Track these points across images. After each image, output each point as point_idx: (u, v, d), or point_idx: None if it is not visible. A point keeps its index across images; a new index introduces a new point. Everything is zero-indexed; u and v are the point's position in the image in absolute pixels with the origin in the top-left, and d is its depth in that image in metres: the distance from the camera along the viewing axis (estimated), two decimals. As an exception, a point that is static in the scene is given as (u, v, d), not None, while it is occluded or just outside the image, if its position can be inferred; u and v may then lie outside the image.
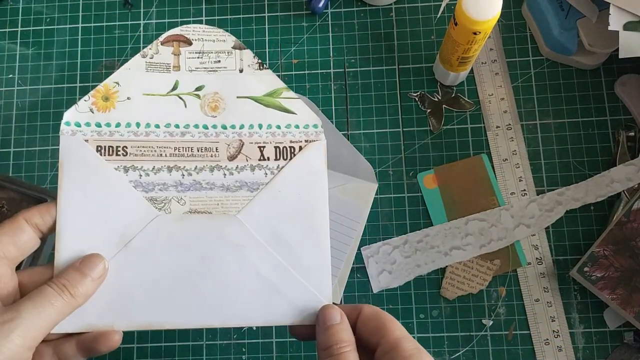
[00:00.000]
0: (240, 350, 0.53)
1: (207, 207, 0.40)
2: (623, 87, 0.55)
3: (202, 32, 0.42)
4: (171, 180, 0.40)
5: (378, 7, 0.59)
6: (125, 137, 0.40)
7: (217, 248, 0.39)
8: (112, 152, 0.40)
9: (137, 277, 0.38)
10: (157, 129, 0.41)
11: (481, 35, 0.46)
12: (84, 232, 0.38)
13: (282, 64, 0.58)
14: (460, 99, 0.56)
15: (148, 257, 0.38)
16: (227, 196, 0.40)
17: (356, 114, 0.57)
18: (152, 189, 0.39)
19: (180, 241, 0.39)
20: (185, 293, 0.38)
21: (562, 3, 0.53)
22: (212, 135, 0.41)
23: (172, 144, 0.40)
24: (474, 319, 0.52)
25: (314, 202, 0.40)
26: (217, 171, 0.41)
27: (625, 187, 0.52)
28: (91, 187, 0.39)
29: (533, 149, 0.55)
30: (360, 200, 0.55)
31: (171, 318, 0.38)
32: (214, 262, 0.39)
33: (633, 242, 0.49)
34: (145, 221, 0.39)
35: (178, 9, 0.60)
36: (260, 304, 0.39)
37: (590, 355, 0.51)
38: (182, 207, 0.40)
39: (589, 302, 0.52)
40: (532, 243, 0.53)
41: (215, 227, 0.39)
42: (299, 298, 0.39)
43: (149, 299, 0.38)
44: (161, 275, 0.38)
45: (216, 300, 0.39)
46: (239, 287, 0.39)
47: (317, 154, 0.41)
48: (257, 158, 0.41)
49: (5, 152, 0.57)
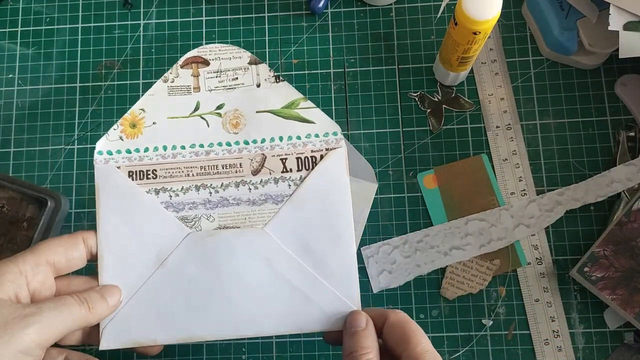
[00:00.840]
0: (240, 350, 0.53)
1: (235, 222, 0.41)
2: (623, 87, 0.55)
3: (219, 51, 0.44)
4: (199, 199, 0.41)
5: (378, 7, 0.59)
6: (154, 161, 0.42)
7: (247, 261, 0.40)
8: (142, 176, 0.42)
9: (174, 293, 0.40)
10: (183, 150, 0.42)
11: (481, 35, 0.46)
12: (122, 254, 0.40)
13: (282, 64, 0.58)
14: (460, 99, 0.56)
15: (183, 273, 0.40)
16: (254, 210, 0.41)
17: (356, 113, 0.57)
18: (182, 209, 0.41)
19: (211, 257, 0.40)
20: (220, 306, 0.40)
21: (562, 3, 0.53)
22: (235, 151, 0.42)
23: (198, 163, 0.42)
24: (473, 319, 0.52)
25: (338, 209, 0.41)
26: (242, 186, 0.42)
27: (626, 187, 0.52)
28: (126, 210, 0.41)
29: (533, 149, 0.55)
30: (360, 200, 0.55)
31: (208, 330, 0.40)
32: (245, 274, 0.40)
33: (633, 243, 0.49)
34: (178, 239, 0.41)
35: (178, 9, 0.60)
36: (291, 312, 0.40)
37: (590, 355, 0.51)
38: (211, 224, 0.41)
39: (589, 303, 0.52)
40: (532, 243, 0.53)
41: (244, 241, 0.41)
42: (328, 305, 0.40)
43: (186, 314, 0.40)
44: (197, 290, 0.40)
45: (249, 310, 0.40)
46: (271, 297, 0.40)
47: (338, 162, 0.42)
48: (280, 170, 0.42)
49: (5, 152, 0.57)
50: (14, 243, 0.52)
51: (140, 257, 0.40)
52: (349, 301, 0.40)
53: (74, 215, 0.56)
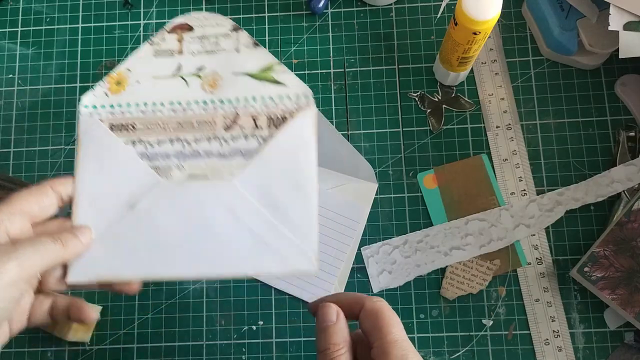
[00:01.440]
0: (240, 350, 0.53)
1: (204, 173, 0.45)
2: (623, 87, 0.55)
3: (204, 19, 0.47)
4: (173, 151, 0.45)
5: (378, 7, 0.59)
6: (134, 116, 0.45)
7: (213, 209, 0.44)
8: (122, 129, 0.45)
9: (142, 235, 0.43)
10: (162, 107, 0.45)
11: (481, 35, 0.46)
12: (96, 199, 0.43)
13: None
14: (460, 99, 0.56)
15: (151, 217, 0.43)
16: (223, 163, 0.45)
17: (356, 113, 0.57)
18: (156, 159, 0.45)
19: (180, 203, 0.44)
20: (184, 249, 0.43)
21: (562, 3, 0.53)
22: (210, 110, 0.45)
23: (175, 119, 0.45)
24: (473, 319, 0.52)
25: (303, 165, 0.44)
26: (214, 141, 0.45)
27: (626, 187, 0.52)
28: (103, 159, 0.44)
29: (533, 149, 0.55)
30: (360, 200, 0.55)
31: (172, 270, 0.43)
32: (210, 220, 0.43)
33: (633, 242, 0.49)
34: (149, 186, 0.44)
35: (178, 9, 0.60)
36: (251, 256, 0.43)
37: (590, 355, 0.51)
38: (182, 174, 0.45)
39: (589, 302, 0.52)
40: (532, 243, 0.53)
41: (212, 190, 0.44)
42: (287, 251, 0.43)
43: (152, 254, 0.43)
44: (163, 233, 0.43)
45: (212, 254, 0.43)
46: (233, 242, 0.43)
47: (306, 122, 0.45)
48: (251, 127, 0.45)
49: (5, 152, 0.57)
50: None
51: (112, 201, 0.43)
52: (308, 248, 0.43)
53: (74, 215, 0.55)
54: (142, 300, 0.54)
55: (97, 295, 0.54)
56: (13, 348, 0.53)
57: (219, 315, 0.53)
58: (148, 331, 0.53)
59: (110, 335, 0.53)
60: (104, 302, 0.54)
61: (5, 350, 0.53)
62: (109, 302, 0.54)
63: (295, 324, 0.53)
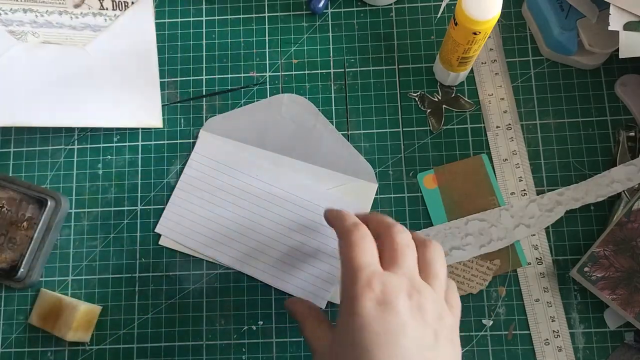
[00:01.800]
0: (240, 350, 0.53)
1: (58, 40, 0.53)
2: (623, 87, 0.55)
3: None
4: (26, 19, 0.52)
5: (378, 7, 0.59)
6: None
7: (70, 68, 0.52)
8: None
9: (3, 88, 0.50)
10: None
11: (481, 35, 0.46)
12: None
13: (282, 64, 0.58)
14: (460, 99, 0.56)
15: (10, 76, 0.51)
16: (75, 33, 0.53)
17: (356, 114, 0.57)
18: (10, 24, 0.52)
19: (37, 64, 0.52)
20: (45, 100, 0.51)
21: (562, 3, 0.53)
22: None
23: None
24: (473, 319, 0.52)
25: (147, 37, 0.55)
26: (65, 15, 0.53)
27: (626, 187, 0.52)
28: None
29: (533, 149, 0.55)
30: (360, 200, 0.55)
31: (35, 117, 0.51)
32: (69, 80, 0.52)
33: (633, 243, 0.49)
34: (7, 48, 0.51)
35: (178, 9, 0.60)
36: (106, 108, 0.53)
37: (591, 355, 0.51)
38: (37, 39, 0.52)
39: (589, 302, 0.52)
40: (532, 243, 0.53)
41: (67, 52, 0.53)
42: (137, 108, 0.53)
43: (13, 104, 0.50)
44: (25, 87, 0.51)
45: (70, 105, 0.52)
46: (90, 99, 0.52)
47: (145, 7, 0.55)
48: (98, 8, 0.54)
49: (5, 151, 0.57)
50: (14, 243, 0.52)
51: None
52: (153, 106, 0.54)
53: (74, 215, 0.56)
54: (142, 300, 0.54)
55: (97, 295, 0.54)
56: (13, 348, 0.53)
57: (219, 315, 0.53)
58: (148, 331, 0.53)
59: (110, 335, 0.53)
60: (104, 302, 0.54)
61: (6, 351, 0.53)
62: (109, 302, 0.54)
63: (295, 324, 0.53)
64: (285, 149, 0.56)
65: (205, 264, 0.54)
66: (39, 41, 0.51)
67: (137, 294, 0.54)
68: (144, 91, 0.53)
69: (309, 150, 0.56)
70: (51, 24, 0.52)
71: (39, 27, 0.52)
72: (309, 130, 0.56)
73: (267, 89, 0.58)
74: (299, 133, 0.56)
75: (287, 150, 0.56)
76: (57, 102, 0.51)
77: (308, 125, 0.56)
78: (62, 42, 0.52)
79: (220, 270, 0.54)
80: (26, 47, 0.51)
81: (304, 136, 0.56)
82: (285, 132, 0.56)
